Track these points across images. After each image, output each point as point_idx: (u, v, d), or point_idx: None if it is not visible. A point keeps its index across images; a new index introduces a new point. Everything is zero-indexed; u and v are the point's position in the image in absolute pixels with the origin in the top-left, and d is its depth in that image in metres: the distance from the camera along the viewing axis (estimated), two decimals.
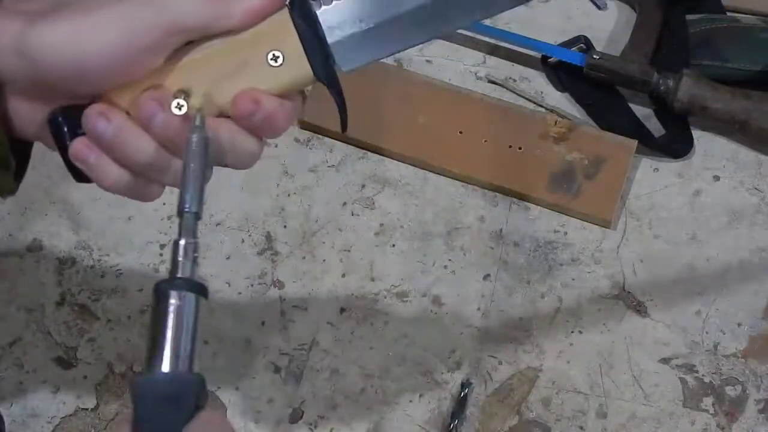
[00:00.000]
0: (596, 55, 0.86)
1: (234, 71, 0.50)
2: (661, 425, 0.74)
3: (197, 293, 0.45)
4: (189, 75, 0.50)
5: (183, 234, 0.47)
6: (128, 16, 0.47)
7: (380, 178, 0.84)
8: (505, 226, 0.82)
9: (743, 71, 0.86)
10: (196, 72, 0.50)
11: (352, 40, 0.51)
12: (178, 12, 0.48)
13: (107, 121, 0.49)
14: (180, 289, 0.45)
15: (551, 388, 0.76)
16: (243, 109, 0.50)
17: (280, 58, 0.50)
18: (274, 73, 0.51)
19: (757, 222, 0.82)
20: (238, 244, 0.82)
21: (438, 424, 0.74)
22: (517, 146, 0.84)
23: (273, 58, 0.50)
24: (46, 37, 0.47)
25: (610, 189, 0.82)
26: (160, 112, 0.49)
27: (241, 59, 0.50)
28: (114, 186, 0.51)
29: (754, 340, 0.77)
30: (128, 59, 0.48)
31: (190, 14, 0.48)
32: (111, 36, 0.47)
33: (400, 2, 0.50)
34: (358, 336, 0.78)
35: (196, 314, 0.45)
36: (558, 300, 0.79)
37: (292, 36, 0.50)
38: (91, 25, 0.47)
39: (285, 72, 0.51)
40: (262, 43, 0.50)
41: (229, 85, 0.51)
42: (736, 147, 0.85)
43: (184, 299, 0.45)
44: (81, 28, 0.47)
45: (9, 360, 0.77)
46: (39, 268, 0.81)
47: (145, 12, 0.47)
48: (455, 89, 0.87)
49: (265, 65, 0.50)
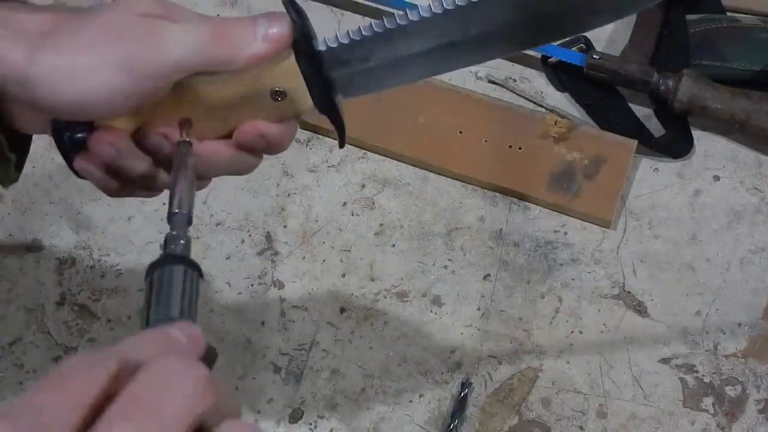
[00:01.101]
0: (596, 55, 0.86)
1: (237, 104, 0.51)
2: (661, 425, 0.74)
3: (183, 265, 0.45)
4: (191, 107, 0.50)
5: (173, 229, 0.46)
6: (129, 57, 0.47)
7: (380, 178, 0.84)
8: (505, 226, 0.82)
9: (743, 71, 0.86)
10: (198, 104, 0.50)
11: (356, 77, 0.51)
12: (182, 55, 0.48)
13: (112, 147, 0.50)
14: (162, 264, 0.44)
15: (551, 388, 0.76)
16: (246, 140, 0.51)
17: (283, 95, 0.50)
18: (277, 107, 0.51)
19: (757, 222, 0.82)
20: (238, 244, 0.82)
21: (438, 424, 0.74)
22: (517, 146, 0.84)
23: (276, 94, 0.50)
24: (47, 73, 0.47)
25: (610, 189, 0.82)
26: (167, 144, 0.50)
27: (244, 94, 0.50)
28: (115, 194, 0.53)
29: (754, 340, 0.77)
30: (128, 98, 0.48)
31: (192, 59, 0.48)
32: (111, 76, 0.47)
33: (403, 45, 0.50)
34: (358, 336, 0.78)
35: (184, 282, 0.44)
36: (558, 300, 0.79)
37: (297, 76, 0.50)
38: (92, 63, 0.47)
39: (288, 106, 0.51)
40: (266, 81, 0.50)
41: (232, 116, 0.51)
42: (736, 147, 0.85)
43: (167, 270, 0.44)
44: (81, 66, 0.47)
45: (9, 360, 0.77)
46: (39, 268, 0.81)
47: (147, 54, 0.47)
48: (455, 89, 0.87)
49: (269, 100, 0.50)
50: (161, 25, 0.48)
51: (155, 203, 0.82)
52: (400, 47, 0.50)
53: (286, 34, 0.49)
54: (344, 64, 0.50)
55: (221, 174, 0.53)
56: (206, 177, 0.53)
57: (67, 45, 0.47)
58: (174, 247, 0.45)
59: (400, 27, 0.49)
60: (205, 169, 0.52)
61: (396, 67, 0.51)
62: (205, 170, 0.52)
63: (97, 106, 0.48)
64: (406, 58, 0.51)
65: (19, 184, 0.56)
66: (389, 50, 0.50)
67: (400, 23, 0.49)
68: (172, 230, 0.46)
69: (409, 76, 0.52)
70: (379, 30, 0.50)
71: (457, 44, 0.50)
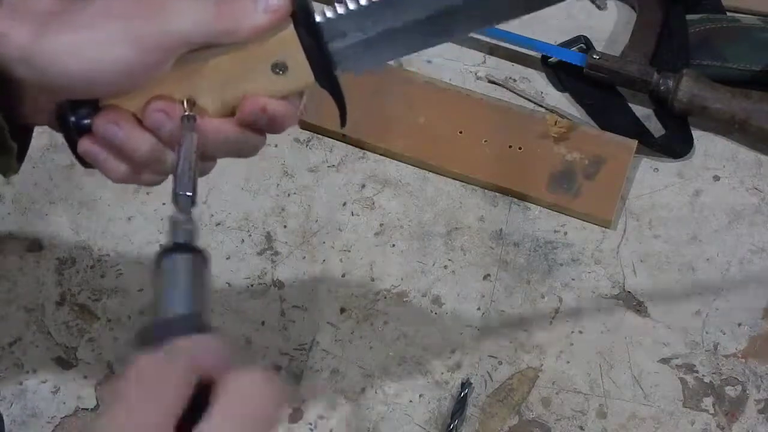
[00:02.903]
0: (596, 55, 0.86)
1: (239, 78, 0.51)
2: (661, 425, 0.74)
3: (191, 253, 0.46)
4: (194, 83, 0.51)
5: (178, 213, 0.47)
6: (135, 31, 0.48)
7: (380, 178, 0.84)
8: (505, 226, 0.82)
9: (743, 71, 0.86)
10: (201, 80, 0.51)
11: (355, 49, 0.52)
12: (185, 28, 0.49)
13: (118, 127, 0.50)
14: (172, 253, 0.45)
15: (551, 388, 0.76)
16: (249, 115, 0.51)
17: (284, 68, 0.51)
18: (279, 81, 0.51)
19: (757, 222, 0.82)
20: (238, 244, 0.82)
21: (438, 424, 0.74)
22: (517, 146, 0.84)
23: (277, 67, 0.51)
24: (53, 50, 0.47)
25: (610, 189, 0.82)
26: (168, 122, 0.50)
27: (246, 68, 0.51)
28: (119, 178, 0.53)
29: (754, 340, 0.77)
30: (134, 72, 0.49)
31: (197, 30, 0.49)
32: (118, 51, 0.48)
33: (402, 13, 0.51)
34: (358, 336, 0.78)
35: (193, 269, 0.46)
36: (558, 300, 0.79)
37: (297, 48, 0.51)
38: (98, 39, 0.48)
39: (289, 80, 0.51)
40: (267, 53, 0.51)
41: (234, 91, 0.51)
42: (736, 147, 0.85)
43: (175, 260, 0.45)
44: (88, 41, 0.48)
45: (9, 360, 0.77)
46: (39, 268, 0.81)
47: (152, 27, 0.48)
48: (455, 89, 0.87)
49: (270, 74, 0.51)
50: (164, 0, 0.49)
51: (155, 203, 0.82)
52: (398, 15, 0.51)
53: (286, 5, 0.50)
54: (343, 35, 0.51)
55: (225, 154, 0.53)
56: (210, 158, 0.54)
57: (72, 22, 0.48)
58: (181, 232, 0.46)
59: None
60: (208, 148, 0.52)
61: (394, 37, 0.52)
62: (209, 149, 0.52)
63: (103, 82, 0.49)
64: (405, 27, 0.51)
65: (19, 184, 0.56)
66: (387, 19, 0.51)
67: None
68: (179, 213, 0.47)
69: (407, 47, 0.52)
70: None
71: (455, 10, 0.51)
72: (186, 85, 0.51)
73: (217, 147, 0.52)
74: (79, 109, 0.51)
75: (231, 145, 0.53)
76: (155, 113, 0.50)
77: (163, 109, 0.50)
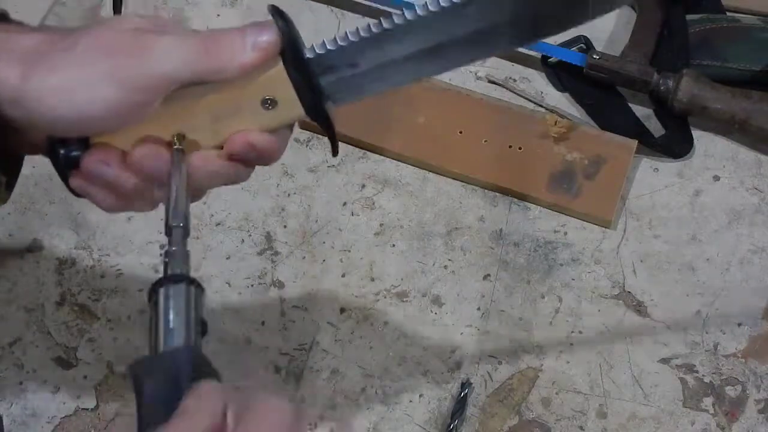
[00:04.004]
0: (596, 55, 0.86)
1: (228, 114, 0.51)
2: (661, 425, 0.74)
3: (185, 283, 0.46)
4: (184, 119, 0.51)
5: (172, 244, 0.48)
6: (121, 72, 0.48)
7: (380, 178, 0.84)
8: (505, 226, 0.82)
9: (743, 71, 0.86)
10: (191, 116, 0.51)
11: (345, 82, 0.52)
12: (171, 68, 0.48)
13: (107, 166, 0.51)
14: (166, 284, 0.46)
15: (551, 388, 0.76)
16: (238, 150, 0.51)
17: (274, 103, 0.51)
18: (268, 116, 0.51)
19: (757, 222, 0.82)
20: (238, 244, 0.82)
21: (438, 424, 0.74)
22: (517, 146, 0.84)
23: (267, 103, 0.51)
24: (41, 91, 0.47)
25: (610, 189, 0.82)
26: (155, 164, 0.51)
27: (235, 104, 0.51)
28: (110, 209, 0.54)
29: (754, 340, 0.77)
30: (122, 111, 0.49)
31: (183, 70, 0.49)
32: (105, 91, 0.48)
33: (391, 49, 0.51)
34: (358, 336, 0.78)
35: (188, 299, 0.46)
36: (558, 300, 0.79)
37: (286, 83, 0.51)
38: (84, 80, 0.48)
39: (279, 114, 0.52)
40: (256, 90, 0.51)
41: (224, 127, 0.51)
42: (736, 147, 0.85)
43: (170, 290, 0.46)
44: (75, 82, 0.48)
45: (9, 360, 0.77)
46: (39, 268, 0.81)
47: (139, 67, 0.48)
48: (455, 89, 0.87)
49: (259, 109, 0.51)
50: (152, 39, 0.49)
51: None
52: (388, 51, 0.51)
53: (275, 42, 0.50)
54: (332, 69, 0.51)
55: (214, 185, 0.54)
56: (200, 189, 0.54)
57: (60, 62, 0.48)
58: (175, 263, 0.47)
59: (387, 31, 0.50)
60: (198, 181, 0.52)
61: (384, 71, 0.51)
62: (198, 181, 0.52)
63: (91, 121, 0.49)
64: (394, 62, 0.51)
65: (19, 184, 0.56)
66: (377, 55, 0.51)
67: (386, 27, 0.50)
68: (171, 245, 0.47)
69: (398, 80, 0.52)
70: (366, 35, 0.50)
71: (444, 46, 0.50)
72: (176, 121, 0.51)
73: (205, 180, 0.53)
74: (70, 144, 0.51)
75: (219, 178, 0.53)
76: (143, 158, 0.51)
77: (150, 153, 0.50)
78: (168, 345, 0.45)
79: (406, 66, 0.51)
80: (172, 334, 0.45)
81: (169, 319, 0.45)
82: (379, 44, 0.50)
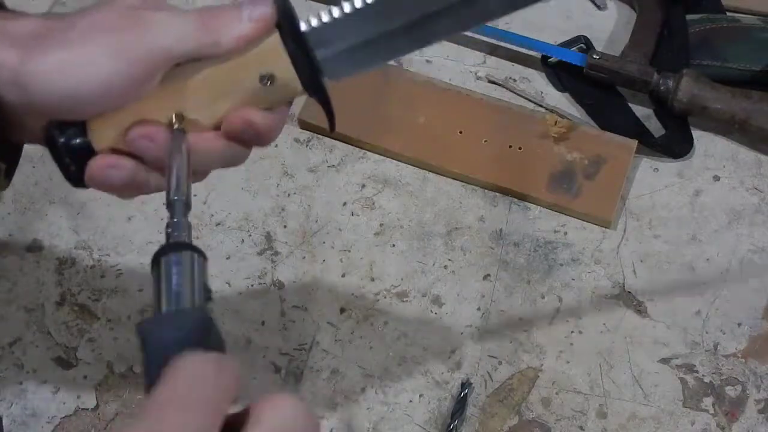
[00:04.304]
0: (596, 55, 0.86)
1: (226, 92, 0.51)
2: (661, 425, 0.74)
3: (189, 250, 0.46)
4: (183, 98, 0.51)
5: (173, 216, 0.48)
6: (119, 47, 0.48)
7: (380, 178, 0.84)
8: (505, 226, 0.82)
9: (743, 71, 0.86)
10: (189, 94, 0.51)
11: (341, 55, 0.52)
12: (169, 41, 0.49)
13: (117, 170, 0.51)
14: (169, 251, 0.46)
15: (551, 388, 0.76)
16: (235, 129, 0.51)
17: (272, 79, 0.51)
18: (266, 91, 0.51)
19: (757, 222, 0.82)
20: (238, 244, 0.82)
21: (438, 424, 0.74)
22: (517, 146, 0.84)
23: (264, 78, 0.51)
24: (40, 71, 0.48)
25: (610, 189, 0.82)
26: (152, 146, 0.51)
27: (232, 81, 0.51)
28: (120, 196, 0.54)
29: (754, 340, 0.77)
30: (121, 88, 0.49)
31: (181, 43, 0.49)
32: (103, 68, 0.48)
33: (388, 19, 0.51)
34: (358, 336, 0.78)
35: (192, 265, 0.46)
36: (558, 300, 0.79)
37: (283, 57, 0.51)
38: (83, 57, 0.48)
39: (277, 90, 0.51)
40: (254, 65, 0.51)
41: (222, 104, 0.51)
42: (736, 147, 0.85)
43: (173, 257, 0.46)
44: (73, 60, 0.48)
45: (9, 360, 0.77)
46: (39, 268, 0.81)
47: (136, 42, 0.48)
48: (455, 89, 0.87)
49: (257, 85, 0.51)
50: (149, 14, 0.49)
51: (155, 203, 0.82)
52: (383, 22, 0.51)
53: (271, 14, 0.50)
54: (329, 43, 0.51)
55: (213, 166, 0.54)
56: (200, 170, 0.54)
57: (58, 43, 0.48)
58: (177, 234, 0.46)
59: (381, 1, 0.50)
60: (196, 162, 0.52)
61: (380, 43, 0.52)
62: (197, 163, 0.52)
63: (91, 100, 0.49)
64: (390, 33, 0.51)
65: (19, 184, 0.56)
66: (372, 26, 0.51)
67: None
68: (173, 217, 0.47)
69: (394, 51, 0.52)
70: (360, 6, 0.50)
71: (438, 13, 0.51)
72: (174, 100, 0.51)
73: (204, 161, 0.53)
74: (67, 130, 0.51)
75: (218, 159, 0.53)
76: (139, 139, 0.50)
77: (147, 134, 0.50)
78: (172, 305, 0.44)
79: (402, 36, 0.51)
80: (178, 297, 0.45)
81: (174, 283, 0.45)
82: (373, 15, 0.51)
